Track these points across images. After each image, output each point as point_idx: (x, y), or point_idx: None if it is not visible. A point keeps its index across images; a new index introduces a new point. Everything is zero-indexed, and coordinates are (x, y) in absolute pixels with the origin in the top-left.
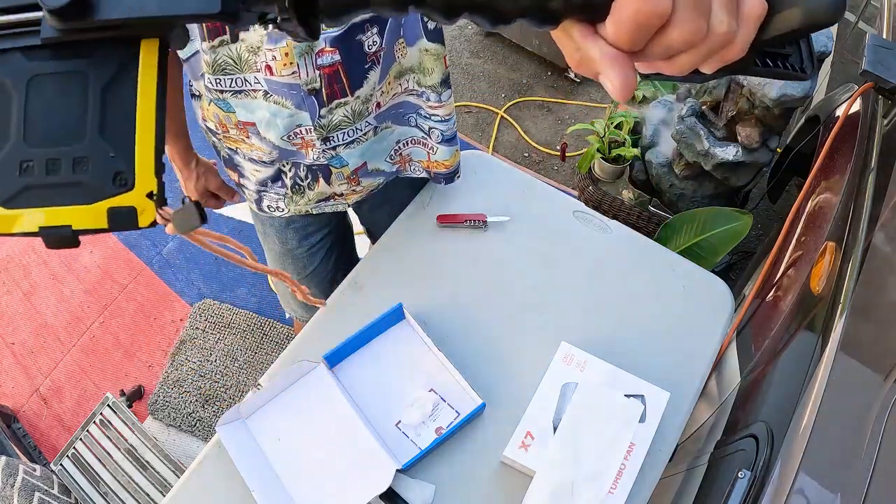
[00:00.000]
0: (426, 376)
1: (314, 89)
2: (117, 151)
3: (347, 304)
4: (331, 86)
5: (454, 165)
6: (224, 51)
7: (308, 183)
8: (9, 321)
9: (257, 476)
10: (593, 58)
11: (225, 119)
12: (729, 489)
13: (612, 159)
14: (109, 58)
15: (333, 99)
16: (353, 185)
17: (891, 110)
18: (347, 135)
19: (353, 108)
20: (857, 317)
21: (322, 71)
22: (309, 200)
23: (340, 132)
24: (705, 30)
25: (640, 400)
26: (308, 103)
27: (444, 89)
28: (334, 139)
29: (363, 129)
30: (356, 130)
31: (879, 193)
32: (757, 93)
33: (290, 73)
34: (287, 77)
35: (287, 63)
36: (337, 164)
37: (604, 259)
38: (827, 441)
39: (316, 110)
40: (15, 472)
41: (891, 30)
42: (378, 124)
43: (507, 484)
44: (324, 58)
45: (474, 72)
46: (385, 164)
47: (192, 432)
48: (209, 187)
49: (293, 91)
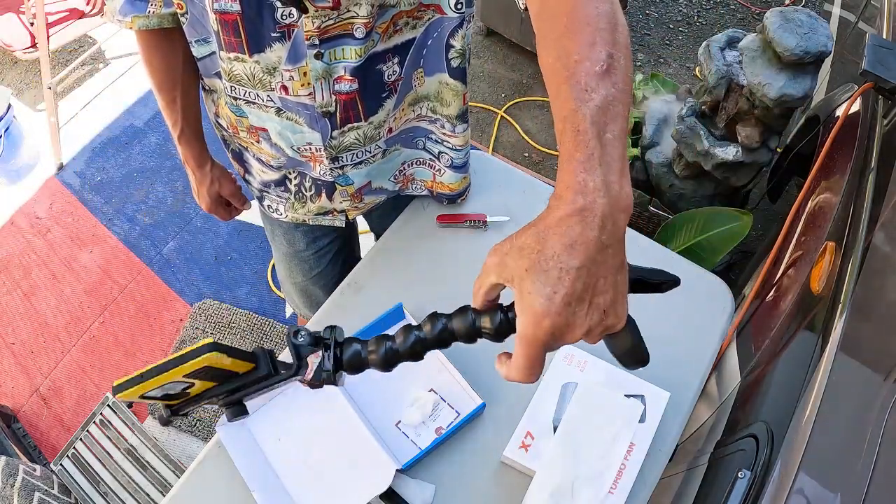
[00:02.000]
0: (426, 376)
1: (328, 112)
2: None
3: (347, 304)
4: (346, 111)
5: (459, 189)
6: (239, 66)
7: (311, 195)
8: (9, 321)
9: (257, 476)
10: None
11: (237, 122)
12: (729, 489)
13: None
14: None
15: (347, 123)
16: (356, 202)
17: (891, 110)
18: (356, 156)
19: (364, 133)
20: (857, 317)
21: (339, 97)
22: (309, 211)
23: (350, 153)
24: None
25: (640, 400)
26: (321, 125)
27: (460, 123)
28: (343, 159)
29: (372, 152)
30: (365, 152)
31: (879, 193)
32: (757, 93)
33: (307, 94)
34: (303, 97)
35: (304, 84)
36: (343, 182)
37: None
38: (827, 441)
39: (328, 132)
40: (15, 472)
41: (891, 30)
42: (388, 147)
43: (507, 484)
44: (342, 85)
45: (474, 72)
46: (389, 184)
47: (192, 432)
48: (222, 193)
49: (307, 111)
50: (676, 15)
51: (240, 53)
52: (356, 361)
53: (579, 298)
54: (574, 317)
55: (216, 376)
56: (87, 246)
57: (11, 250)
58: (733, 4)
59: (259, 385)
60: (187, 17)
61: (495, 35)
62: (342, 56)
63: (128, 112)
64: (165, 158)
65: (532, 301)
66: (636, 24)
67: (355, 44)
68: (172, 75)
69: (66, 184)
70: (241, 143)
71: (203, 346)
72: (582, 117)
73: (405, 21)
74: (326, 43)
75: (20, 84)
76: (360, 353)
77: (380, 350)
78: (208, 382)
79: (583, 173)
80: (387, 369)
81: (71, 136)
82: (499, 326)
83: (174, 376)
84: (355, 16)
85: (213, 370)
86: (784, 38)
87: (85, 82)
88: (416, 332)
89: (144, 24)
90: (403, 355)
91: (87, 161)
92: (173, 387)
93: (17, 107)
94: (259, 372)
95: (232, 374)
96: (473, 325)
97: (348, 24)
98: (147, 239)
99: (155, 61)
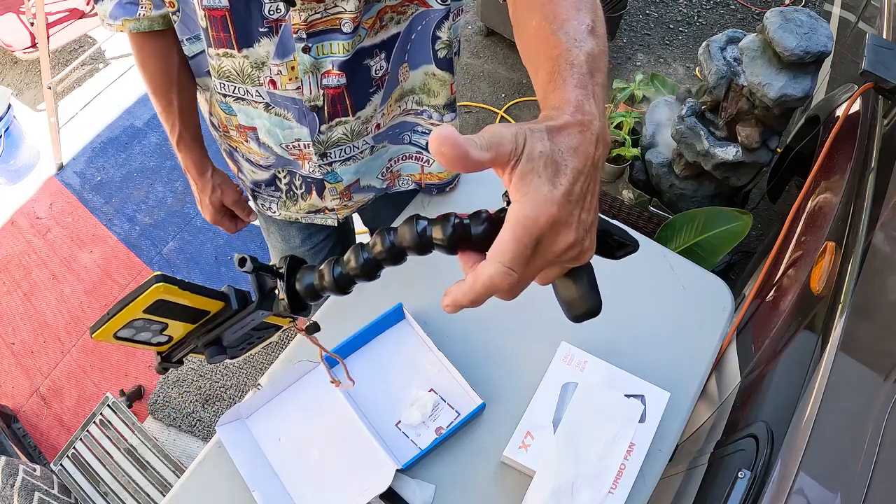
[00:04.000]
0: (426, 376)
1: (316, 106)
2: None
3: (347, 304)
4: (333, 105)
5: (448, 178)
6: (228, 62)
7: (301, 193)
8: (9, 321)
9: (257, 476)
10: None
11: (226, 121)
12: (729, 489)
13: (612, 159)
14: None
15: (335, 117)
16: (346, 201)
17: (891, 110)
18: (345, 152)
19: (352, 128)
20: (857, 317)
21: (327, 91)
22: (300, 209)
23: (338, 149)
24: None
25: (640, 400)
26: (309, 119)
27: (448, 112)
28: (331, 155)
29: (360, 148)
30: (353, 148)
31: (879, 193)
32: (757, 93)
33: (295, 87)
34: (291, 91)
35: (292, 78)
36: (332, 179)
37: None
38: (827, 441)
39: (316, 126)
40: (15, 472)
41: (891, 30)
42: (375, 144)
43: (507, 484)
44: (330, 79)
45: (474, 72)
46: (376, 181)
47: (192, 432)
48: (225, 201)
49: (295, 105)
50: (676, 15)
51: (228, 49)
52: (310, 290)
53: (575, 201)
54: (570, 217)
55: (185, 315)
56: (87, 246)
57: (11, 250)
58: (733, 4)
59: (232, 321)
60: (179, 14)
61: (495, 35)
62: (330, 51)
63: (128, 112)
64: (165, 158)
65: (539, 185)
66: (636, 24)
67: (343, 38)
68: (167, 78)
69: (66, 184)
70: (230, 143)
71: (150, 279)
72: (576, 55)
73: (390, 16)
74: (314, 37)
75: (20, 84)
76: (312, 283)
77: (333, 272)
78: (185, 324)
79: (580, 95)
80: (342, 293)
81: (71, 136)
82: (451, 236)
83: (134, 313)
84: (342, 11)
85: (174, 305)
86: (784, 38)
87: (85, 82)
88: (365, 253)
89: (135, 27)
90: (357, 276)
91: (87, 161)
92: (144, 325)
93: (17, 107)
94: (230, 308)
95: (205, 313)
96: (423, 236)
97: (335, 18)
98: (147, 239)
99: (149, 64)
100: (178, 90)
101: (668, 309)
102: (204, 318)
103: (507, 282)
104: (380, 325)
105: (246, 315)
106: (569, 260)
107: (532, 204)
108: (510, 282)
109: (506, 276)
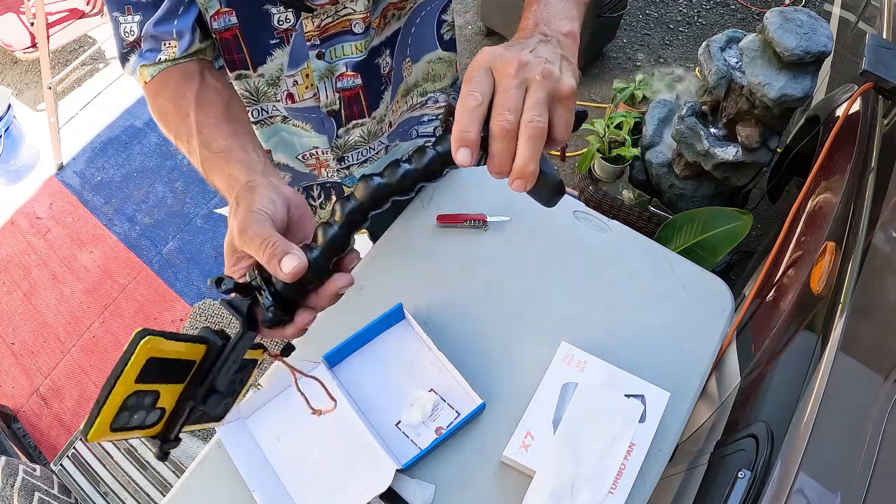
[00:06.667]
0: (426, 376)
1: (333, 111)
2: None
3: (347, 304)
4: (350, 107)
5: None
6: (241, 84)
7: (321, 202)
8: (9, 321)
9: (257, 476)
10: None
11: None
12: (729, 489)
13: (612, 159)
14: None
15: (352, 119)
16: None
17: (891, 110)
18: (361, 154)
19: (368, 129)
20: (857, 317)
21: (343, 94)
22: (320, 219)
23: (355, 152)
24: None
25: (640, 400)
26: (327, 126)
27: (454, 91)
28: (349, 159)
29: (376, 149)
30: (370, 150)
31: (879, 193)
32: (757, 93)
33: (311, 95)
34: (308, 101)
35: (308, 86)
36: (349, 182)
37: (604, 259)
38: (827, 441)
39: (334, 131)
40: (15, 472)
41: (891, 30)
42: (389, 143)
43: (507, 484)
44: (345, 81)
45: None
46: None
47: (192, 432)
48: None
49: (313, 115)
50: (676, 15)
51: (243, 70)
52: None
53: (518, 47)
54: (512, 49)
55: (173, 373)
56: (87, 246)
57: (11, 250)
58: (733, 4)
59: (220, 362)
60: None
61: (495, 35)
62: (342, 53)
63: (128, 112)
64: (165, 158)
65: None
66: (636, 24)
67: (355, 39)
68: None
69: (66, 184)
70: None
71: (134, 338)
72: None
73: (392, 13)
74: (326, 42)
75: (20, 84)
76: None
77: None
78: (173, 386)
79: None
80: (351, 233)
81: (71, 136)
82: (429, 163)
83: (127, 385)
84: (352, 12)
85: (163, 364)
86: (784, 38)
87: (85, 82)
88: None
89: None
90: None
91: (87, 161)
92: (138, 403)
93: (17, 107)
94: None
95: (190, 363)
96: (409, 181)
97: (346, 20)
98: (147, 239)
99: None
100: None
101: (668, 309)
102: (191, 373)
103: (472, 102)
104: (380, 325)
105: (236, 342)
106: (543, 79)
107: (504, 53)
108: (474, 103)
109: (469, 98)
